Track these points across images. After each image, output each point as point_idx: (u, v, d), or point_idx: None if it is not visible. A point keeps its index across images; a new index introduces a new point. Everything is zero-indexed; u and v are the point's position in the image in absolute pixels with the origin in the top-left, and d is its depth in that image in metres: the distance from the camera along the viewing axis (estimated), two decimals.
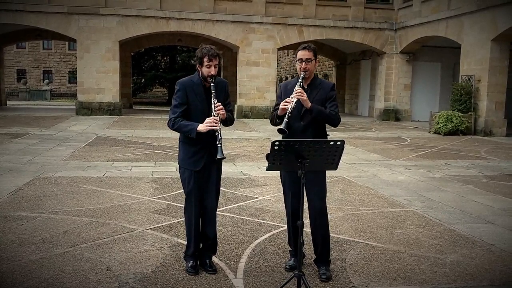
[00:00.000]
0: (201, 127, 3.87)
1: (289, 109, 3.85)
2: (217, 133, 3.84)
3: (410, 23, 20.58)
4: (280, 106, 3.94)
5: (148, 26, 20.31)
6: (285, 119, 3.83)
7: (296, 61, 4.07)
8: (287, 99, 3.92)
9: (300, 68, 4.03)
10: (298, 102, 3.90)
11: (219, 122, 3.87)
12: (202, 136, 3.95)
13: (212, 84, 3.95)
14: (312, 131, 4.02)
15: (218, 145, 3.80)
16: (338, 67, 27.81)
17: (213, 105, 3.91)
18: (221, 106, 3.91)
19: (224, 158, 3.81)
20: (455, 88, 16.95)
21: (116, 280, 3.86)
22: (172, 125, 3.99)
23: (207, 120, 3.88)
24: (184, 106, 4.00)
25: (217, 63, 3.98)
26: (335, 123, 4.07)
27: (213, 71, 3.94)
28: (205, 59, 3.94)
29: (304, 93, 3.91)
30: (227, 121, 4.08)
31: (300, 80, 3.99)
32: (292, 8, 21.30)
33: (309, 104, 3.91)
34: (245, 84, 21.36)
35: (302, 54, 4.02)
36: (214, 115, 3.87)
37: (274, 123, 4.14)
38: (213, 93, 3.94)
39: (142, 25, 20.26)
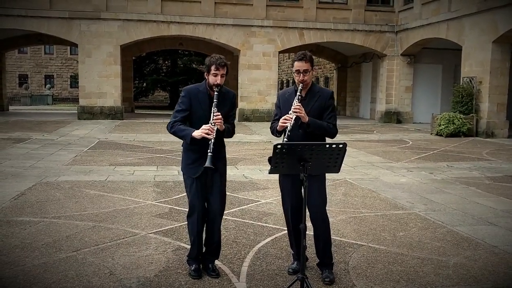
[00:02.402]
0: (196, 133, 3.87)
1: (288, 127, 3.82)
2: (210, 142, 3.82)
3: (410, 25, 20.59)
4: (280, 123, 3.92)
5: (149, 30, 20.35)
6: (285, 139, 3.79)
7: (293, 72, 4.04)
8: (286, 116, 3.88)
9: (297, 80, 4.00)
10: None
11: (214, 131, 3.84)
12: (201, 144, 3.95)
13: (216, 93, 3.94)
14: (310, 139, 4.01)
15: (209, 154, 3.77)
16: (339, 69, 27.83)
17: (212, 114, 3.89)
18: (220, 116, 3.89)
19: (212, 168, 3.77)
20: (457, 90, 16.94)
21: (119, 285, 3.87)
22: (170, 128, 4.02)
23: (203, 127, 3.86)
24: (186, 112, 4.01)
25: (224, 72, 3.95)
26: (332, 135, 4.09)
27: (219, 80, 3.93)
28: (213, 68, 3.93)
29: (302, 109, 3.87)
30: (225, 133, 4.04)
31: (298, 94, 3.95)
32: (293, 11, 21.33)
33: (307, 119, 3.90)
34: (246, 88, 21.38)
35: (299, 65, 3.97)
36: (211, 123, 3.86)
37: (275, 135, 4.15)
38: (215, 102, 3.92)
39: (143, 29, 20.30)
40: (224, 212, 5.99)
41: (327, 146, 3.47)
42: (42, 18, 19.44)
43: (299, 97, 3.95)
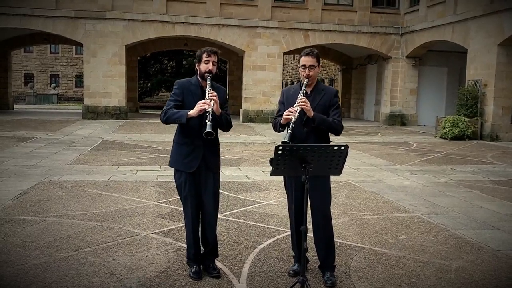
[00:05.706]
0: (192, 111, 3.86)
1: (292, 119, 3.79)
2: (208, 113, 3.78)
3: (416, 27, 20.53)
4: (284, 116, 3.89)
5: (154, 30, 20.38)
6: (289, 131, 3.75)
7: (299, 67, 4.04)
8: (290, 109, 3.85)
9: (303, 75, 4.00)
10: (302, 110, 3.87)
11: (211, 105, 3.81)
12: (194, 136, 3.96)
13: (209, 77, 3.96)
14: (314, 137, 3.99)
15: (208, 122, 3.73)
16: (344, 71, 27.79)
17: (207, 92, 3.89)
18: (215, 94, 3.90)
19: (213, 134, 3.73)
20: (461, 93, 16.88)
21: (119, 285, 3.86)
22: (164, 115, 4.01)
23: (199, 102, 3.86)
24: (178, 102, 4.03)
25: (215, 60, 4.00)
26: (337, 131, 4.05)
27: (210, 66, 3.98)
28: (204, 55, 3.99)
29: (308, 102, 3.85)
30: (223, 122, 4.02)
31: (303, 88, 3.94)
32: (298, 12, 21.31)
33: (312, 113, 3.87)
34: (250, 89, 21.37)
35: (305, 60, 3.98)
36: (207, 99, 3.84)
37: (277, 130, 4.12)
38: (209, 84, 3.93)
39: (149, 30, 20.33)
40: (226, 212, 6.03)
41: (329, 148, 3.45)
42: (47, 17, 19.50)
43: (304, 91, 3.93)
